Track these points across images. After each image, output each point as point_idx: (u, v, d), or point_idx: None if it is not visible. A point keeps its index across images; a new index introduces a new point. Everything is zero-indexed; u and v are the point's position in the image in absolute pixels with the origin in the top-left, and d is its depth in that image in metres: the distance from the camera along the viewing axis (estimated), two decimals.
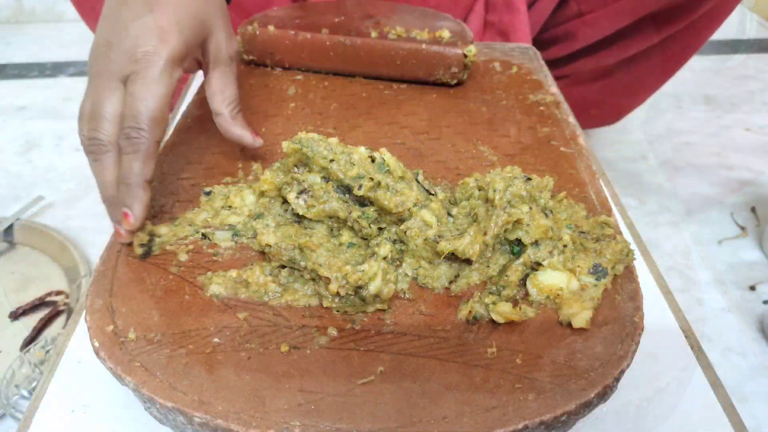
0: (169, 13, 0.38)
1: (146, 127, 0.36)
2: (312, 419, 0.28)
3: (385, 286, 0.33)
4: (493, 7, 0.78)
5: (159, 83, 0.37)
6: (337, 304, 0.34)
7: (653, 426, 0.33)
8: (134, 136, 0.36)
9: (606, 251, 0.35)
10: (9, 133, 1.08)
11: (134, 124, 0.36)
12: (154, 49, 0.37)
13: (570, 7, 0.80)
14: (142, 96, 0.36)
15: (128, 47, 0.37)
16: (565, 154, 0.47)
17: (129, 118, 0.36)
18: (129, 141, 0.36)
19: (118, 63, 0.37)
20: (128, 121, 0.36)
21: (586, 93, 0.89)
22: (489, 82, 0.59)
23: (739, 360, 0.65)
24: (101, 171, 0.37)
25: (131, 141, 0.36)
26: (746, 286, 0.75)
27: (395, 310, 0.34)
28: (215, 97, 0.43)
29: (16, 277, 0.75)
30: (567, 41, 0.82)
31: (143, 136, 0.36)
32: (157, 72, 0.37)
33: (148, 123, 0.36)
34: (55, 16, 1.57)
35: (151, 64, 0.37)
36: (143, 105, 0.36)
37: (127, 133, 0.36)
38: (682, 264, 0.79)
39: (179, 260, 0.37)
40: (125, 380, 0.30)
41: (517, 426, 0.27)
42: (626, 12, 0.74)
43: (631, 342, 0.31)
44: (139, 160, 0.36)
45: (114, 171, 0.37)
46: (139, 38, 0.37)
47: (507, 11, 0.77)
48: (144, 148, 0.36)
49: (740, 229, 0.85)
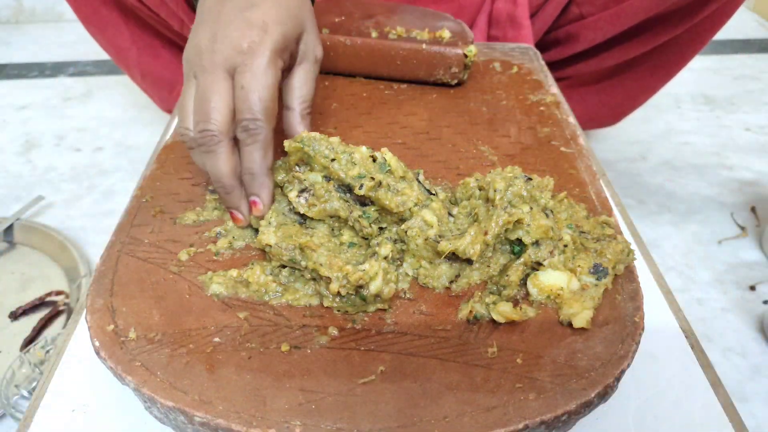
0: (271, 9, 0.40)
1: (262, 117, 0.37)
2: (313, 419, 0.28)
3: (386, 285, 0.33)
4: (497, 21, 0.78)
5: (267, 74, 0.37)
6: (338, 303, 0.34)
7: (653, 426, 0.33)
8: (252, 127, 0.37)
9: (606, 251, 0.35)
10: (9, 133, 1.08)
11: (251, 116, 0.37)
12: (260, 40, 0.38)
13: (571, 11, 0.80)
14: (253, 87, 0.37)
15: (234, 39, 0.38)
16: (566, 154, 0.48)
17: (245, 111, 0.37)
18: (248, 133, 0.37)
19: (224, 54, 0.38)
20: (244, 114, 0.37)
21: (586, 95, 0.89)
22: (489, 82, 0.59)
23: (739, 360, 0.65)
24: (215, 162, 0.38)
25: (250, 132, 0.37)
26: (746, 286, 0.75)
27: (396, 310, 0.34)
28: (292, 92, 0.43)
29: (16, 277, 0.75)
30: (568, 43, 0.82)
31: (260, 126, 0.37)
32: (264, 62, 0.37)
33: (264, 113, 0.37)
34: (55, 16, 1.57)
35: (258, 55, 0.37)
36: (256, 96, 0.37)
37: (246, 125, 0.37)
38: (682, 264, 0.79)
39: (179, 260, 0.37)
40: (126, 380, 0.30)
41: (517, 426, 0.27)
42: (627, 15, 0.74)
43: (631, 342, 0.31)
44: (261, 149, 0.38)
45: (229, 161, 0.38)
46: (244, 31, 0.38)
47: (511, 27, 0.77)
48: (262, 138, 0.37)
49: (740, 229, 0.85)
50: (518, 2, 0.77)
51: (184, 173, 0.45)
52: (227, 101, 0.37)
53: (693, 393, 0.35)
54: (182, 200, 0.42)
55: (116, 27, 0.84)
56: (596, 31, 0.78)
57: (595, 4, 0.77)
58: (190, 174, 0.45)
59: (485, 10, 0.78)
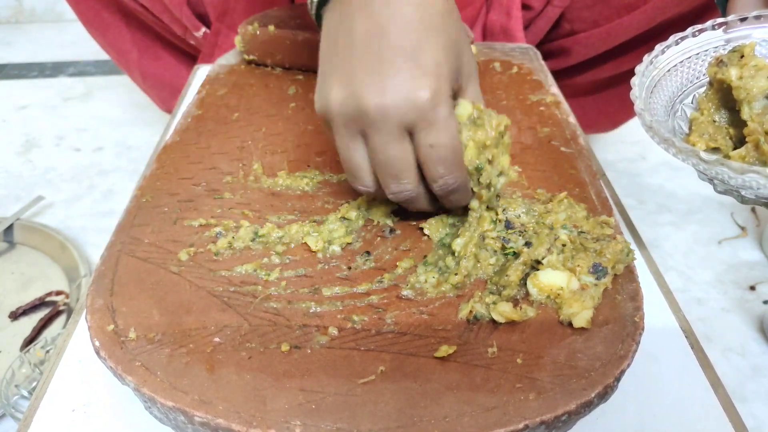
0: (439, 47, 0.34)
1: (460, 169, 0.35)
2: (313, 419, 0.28)
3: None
4: (491, 32, 0.78)
5: (450, 121, 0.34)
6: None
7: (653, 426, 0.33)
8: (451, 182, 0.35)
9: (606, 251, 0.35)
10: (9, 133, 1.08)
11: (448, 173, 0.35)
12: (437, 87, 0.33)
13: (563, 27, 0.80)
14: (443, 142, 0.34)
15: (408, 92, 0.33)
16: (566, 154, 0.48)
17: (440, 169, 0.34)
18: (450, 188, 0.36)
19: (399, 110, 0.33)
20: (440, 173, 0.35)
21: (584, 103, 0.89)
22: (489, 82, 0.59)
23: (739, 360, 0.65)
24: (417, 207, 0.38)
25: (452, 188, 0.36)
26: (746, 286, 0.75)
27: (395, 310, 0.34)
28: None
29: (16, 277, 0.75)
30: (561, 56, 0.83)
31: (460, 177, 0.35)
32: (447, 111, 0.34)
33: (459, 164, 0.35)
34: (55, 16, 1.56)
35: (439, 104, 0.33)
36: (449, 151, 0.34)
37: (445, 184, 0.35)
38: (682, 264, 0.79)
39: (179, 260, 0.37)
40: (126, 380, 0.30)
41: (517, 426, 0.27)
42: (618, 33, 0.74)
43: (631, 342, 0.31)
44: (465, 192, 0.37)
45: (432, 205, 0.38)
46: (419, 81, 0.33)
47: (504, 38, 0.77)
48: (464, 184, 0.36)
49: (740, 229, 0.85)
50: (512, 15, 0.77)
51: (184, 173, 0.45)
52: (413, 161, 0.35)
53: (693, 393, 0.35)
54: (182, 200, 0.42)
55: (117, 29, 0.84)
56: (588, 47, 0.78)
57: (586, 21, 0.77)
58: (190, 174, 0.45)
59: (480, 22, 0.79)
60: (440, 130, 0.34)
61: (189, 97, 0.62)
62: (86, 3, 0.81)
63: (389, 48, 0.33)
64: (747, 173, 0.28)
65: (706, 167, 0.30)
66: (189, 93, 0.65)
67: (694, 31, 0.38)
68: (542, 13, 0.79)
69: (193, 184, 0.44)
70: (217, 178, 0.44)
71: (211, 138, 0.49)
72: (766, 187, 0.29)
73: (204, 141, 0.49)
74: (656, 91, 0.37)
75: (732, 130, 0.35)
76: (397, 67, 0.33)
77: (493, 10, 0.78)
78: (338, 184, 0.44)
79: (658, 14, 0.70)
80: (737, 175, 0.29)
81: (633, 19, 0.72)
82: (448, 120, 0.34)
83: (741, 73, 0.33)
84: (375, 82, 0.33)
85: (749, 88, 0.33)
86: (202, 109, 0.53)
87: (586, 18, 0.77)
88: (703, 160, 0.29)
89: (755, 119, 0.32)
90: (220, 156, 0.47)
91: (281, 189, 0.44)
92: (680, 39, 0.38)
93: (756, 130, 0.32)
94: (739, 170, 0.28)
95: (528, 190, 0.43)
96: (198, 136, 0.49)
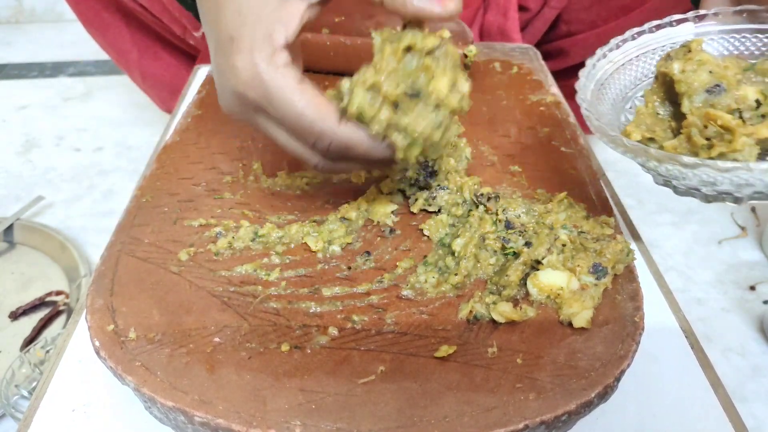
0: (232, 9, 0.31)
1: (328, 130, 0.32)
2: (313, 419, 0.28)
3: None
4: (488, 33, 0.79)
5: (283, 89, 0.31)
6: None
7: (653, 426, 0.33)
8: (327, 144, 0.32)
9: (606, 251, 0.35)
10: (9, 133, 1.08)
11: (316, 139, 0.32)
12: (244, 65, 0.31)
13: (560, 28, 0.81)
14: (283, 116, 0.32)
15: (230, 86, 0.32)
16: (566, 154, 0.48)
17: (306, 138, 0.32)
18: (339, 153, 0.33)
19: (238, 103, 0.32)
20: (308, 140, 0.32)
21: None
22: (489, 82, 0.59)
23: (739, 360, 0.65)
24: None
25: (339, 152, 0.33)
26: (746, 286, 0.75)
27: (395, 310, 0.34)
28: None
29: (16, 277, 0.75)
30: (559, 57, 0.83)
31: (335, 136, 0.32)
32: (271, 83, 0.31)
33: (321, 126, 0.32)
34: (55, 16, 1.56)
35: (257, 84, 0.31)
36: (295, 120, 0.32)
37: (327, 152, 0.33)
38: (682, 264, 0.79)
39: (179, 260, 0.37)
40: (126, 380, 0.30)
41: (517, 426, 0.27)
42: (616, 34, 0.74)
43: (631, 342, 0.31)
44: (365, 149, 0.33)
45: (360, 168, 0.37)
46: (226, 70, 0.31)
47: (501, 39, 0.77)
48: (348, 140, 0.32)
49: (740, 229, 0.85)
50: (508, 16, 0.77)
51: (184, 173, 0.45)
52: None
53: (693, 393, 0.35)
54: (182, 200, 0.42)
55: (117, 29, 0.84)
56: (585, 48, 0.78)
57: (583, 22, 0.78)
58: (190, 174, 0.45)
59: (477, 23, 0.79)
60: (275, 102, 0.31)
61: (189, 97, 0.62)
62: (86, 3, 0.81)
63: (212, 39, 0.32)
64: (698, 167, 0.28)
65: (656, 164, 0.30)
66: (189, 93, 0.65)
67: (651, 27, 0.39)
68: (539, 15, 0.79)
69: (193, 184, 0.44)
70: (217, 178, 0.44)
71: (211, 138, 0.49)
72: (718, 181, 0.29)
73: (204, 141, 0.49)
74: (608, 84, 0.38)
75: (674, 123, 0.35)
76: (219, 58, 0.32)
77: (490, 11, 0.78)
78: (338, 184, 0.44)
79: (654, 16, 0.71)
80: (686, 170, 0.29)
81: (630, 21, 0.72)
82: (281, 88, 0.31)
83: (684, 66, 0.34)
84: (217, 80, 0.33)
85: (690, 81, 0.33)
86: (202, 109, 0.53)
87: (584, 19, 0.77)
88: (653, 157, 0.30)
89: (695, 112, 0.32)
90: (220, 156, 0.47)
91: (281, 189, 0.44)
92: (637, 34, 0.39)
93: (694, 123, 0.32)
94: (691, 165, 0.29)
95: (528, 190, 0.43)
96: (198, 136, 0.49)
